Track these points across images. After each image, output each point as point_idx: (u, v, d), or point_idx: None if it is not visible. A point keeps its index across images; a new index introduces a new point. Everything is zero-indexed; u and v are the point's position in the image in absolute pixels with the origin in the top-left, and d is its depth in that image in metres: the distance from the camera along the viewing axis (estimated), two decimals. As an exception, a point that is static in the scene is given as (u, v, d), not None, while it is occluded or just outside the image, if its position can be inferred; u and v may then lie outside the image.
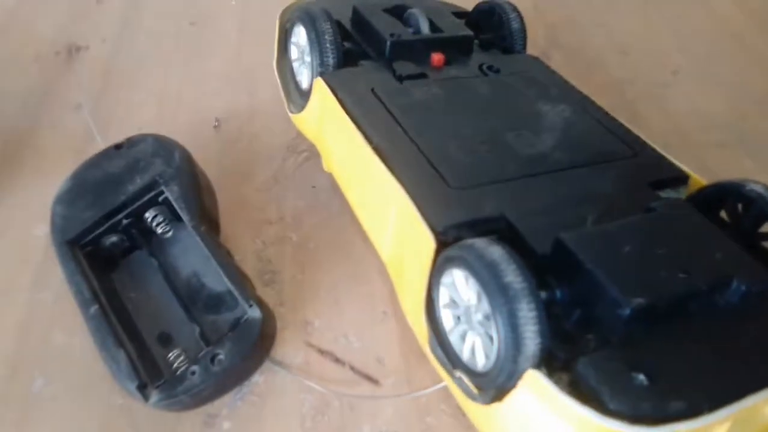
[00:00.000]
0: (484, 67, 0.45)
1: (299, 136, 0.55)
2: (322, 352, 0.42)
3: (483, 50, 0.48)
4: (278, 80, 0.49)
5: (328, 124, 0.41)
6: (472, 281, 0.28)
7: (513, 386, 0.26)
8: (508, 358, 0.26)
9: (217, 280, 0.41)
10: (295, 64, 0.48)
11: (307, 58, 0.45)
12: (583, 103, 0.43)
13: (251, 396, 0.40)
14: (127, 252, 0.44)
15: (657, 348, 0.26)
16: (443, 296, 0.30)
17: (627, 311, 0.26)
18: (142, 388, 0.36)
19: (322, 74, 0.42)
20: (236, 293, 0.39)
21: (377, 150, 0.36)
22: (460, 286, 0.29)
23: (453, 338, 0.30)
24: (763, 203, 0.33)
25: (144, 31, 0.70)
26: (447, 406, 0.39)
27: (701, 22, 0.69)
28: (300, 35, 0.46)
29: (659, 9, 0.71)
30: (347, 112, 0.39)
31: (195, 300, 0.42)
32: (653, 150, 0.39)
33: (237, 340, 0.37)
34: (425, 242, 0.31)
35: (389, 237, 0.36)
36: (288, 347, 0.42)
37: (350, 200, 0.41)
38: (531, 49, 0.51)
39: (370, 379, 0.40)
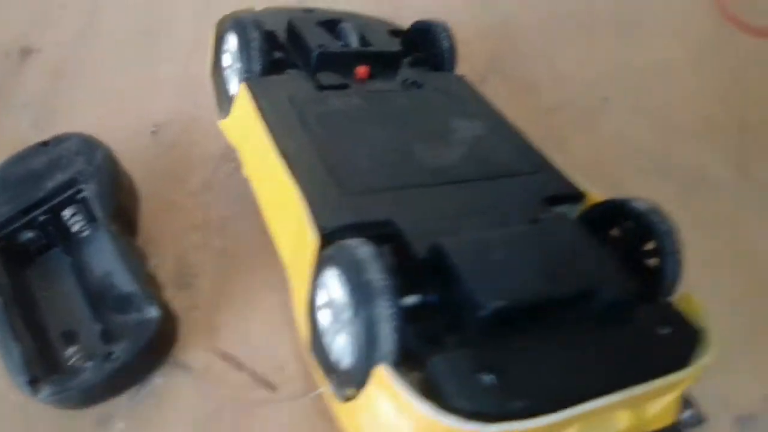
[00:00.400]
0: (408, 82, 0.46)
1: (234, 145, 0.56)
2: (225, 357, 0.42)
3: (412, 67, 0.50)
4: (212, 88, 0.50)
5: (246, 128, 0.42)
6: (342, 279, 0.28)
7: (364, 383, 0.27)
8: (364, 354, 0.27)
9: (127, 281, 0.42)
10: (227, 72, 0.49)
11: (237, 66, 0.46)
12: (497, 122, 0.44)
13: (149, 397, 0.40)
14: (44, 249, 0.44)
15: (514, 351, 0.27)
16: (320, 296, 0.31)
17: (484, 313, 0.27)
18: (33, 382, 0.36)
19: (245, 81, 0.43)
20: (138, 293, 0.39)
21: (282, 154, 0.37)
22: (333, 285, 0.29)
23: (326, 339, 0.31)
24: (646, 221, 0.34)
25: (99, 36, 0.71)
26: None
27: (634, 54, 0.71)
28: (231, 43, 0.47)
29: (595, 41, 0.73)
30: (262, 117, 0.40)
31: (104, 299, 0.42)
32: (554, 168, 0.40)
33: (132, 338, 0.37)
34: (310, 242, 0.32)
35: (287, 241, 0.36)
36: (193, 350, 0.43)
37: (260, 205, 0.41)
38: (470, 73, 0.52)
39: (268, 385, 0.41)
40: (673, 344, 0.31)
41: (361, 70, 0.46)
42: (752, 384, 0.42)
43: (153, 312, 0.38)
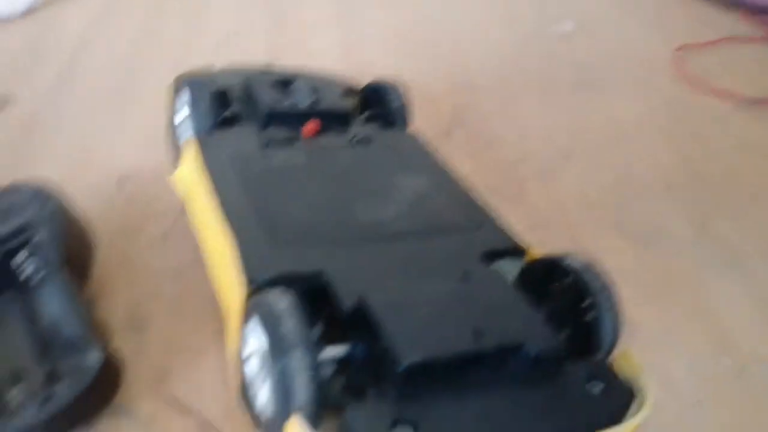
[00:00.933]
0: (356, 139, 0.47)
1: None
2: (173, 402, 0.42)
3: (366, 123, 0.51)
4: (167, 143, 0.51)
5: (190, 182, 0.43)
6: (262, 330, 0.29)
7: None
8: (281, 405, 0.27)
9: (74, 327, 0.42)
10: (180, 128, 0.50)
11: (189, 122, 0.47)
12: (443, 178, 0.45)
13: (91, 443, 0.40)
14: (-5, 296, 0.44)
15: (433, 406, 0.27)
16: (246, 347, 0.31)
17: (400, 368, 0.27)
18: (-29, 425, 0.36)
19: (192, 137, 0.44)
20: (81, 334, 0.39)
21: (220, 206, 0.38)
22: (257, 335, 0.30)
23: (252, 390, 0.31)
24: (580, 278, 0.35)
25: (75, 87, 0.73)
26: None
27: (595, 112, 0.73)
28: (184, 101, 0.48)
29: (557, 99, 0.75)
30: (204, 172, 0.41)
31: (52, 343, 0.41)
32: (496, 223, 0.41)
33: (72, 382, 0.37)
34: (238, 292, 0.32)
35: (224, 293, 0.37)
36: (139, 397, 0.42)
37: (203, 253, 0.42)
38: (436, 128, 0.53)
39: (215, 429, 0.40)
40: (604, 402, 0.30)
41: (308, 127, 0.47)
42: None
43: (95, 356, 0.38)
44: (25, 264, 0.44)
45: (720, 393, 0.44)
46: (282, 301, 0.29)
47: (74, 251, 0.45)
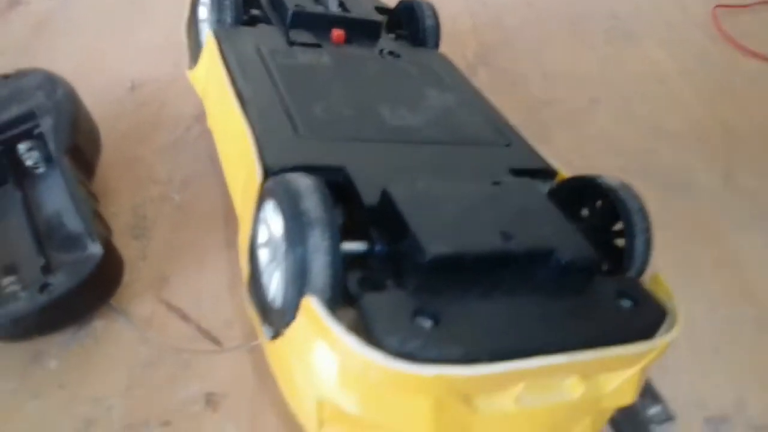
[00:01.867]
0: (385, 51, 0.45)
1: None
2: (171, 308, 0.41)
3: (394, 41, 0.49)
4: (185, 40, 0.49)
5: (209, 75, 0.41)
6: (279, 210, 0.27)
7: (293, 317, 0.25)
8: (295, 287, 0.25)
9: (75, 220, 0.40)
10: (201, 25, 0.48)
11: (211, 18, 0.45)
12: (473, 96, 0.43)
13: (86, 339, 0.38)
14: (-3, 183, 0.43)
15: (457, 301, 0.25)
16: (261, 233, 0.30)
17: (426, 259, 0.25)
18: (-38, 308, 0.34)
19: (214, 29, 0.42)
20: (82, 229, 0.37)
21: (239, 96, 0.36)
22: (271, 219, 0.28)
23: (264, 277, 0.29)
24: (615, 198, 0.33)
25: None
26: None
27: (625, 60, 0.70)
28: None
29: (587, 45, 0.72)
30: (225, 63, 0.39)
31: (51, 237, 0.40)
32: (527, 144, 0.39)
33: (70, 272, 0.36)
34: (256, 178, 0.30)
35: (239, 185, 0.35)
36: (137, 299, 0.41)
37: (219, 153, 0.40)
38: (461, 63, 0.50)
39: (213, 340, 0.39)
40: (634, 317, 0.29)
41: (337, 33, 0.45)
42: (725, 386, 0.40)
43: (95, 249, 0.36)
44: (30, 153, 0.42)
45: (738, 342, 0.42)
46: (301, 181, 0.27)
47: (80, 144, 0.43)
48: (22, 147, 0.42)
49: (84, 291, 0.36)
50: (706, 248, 0.49)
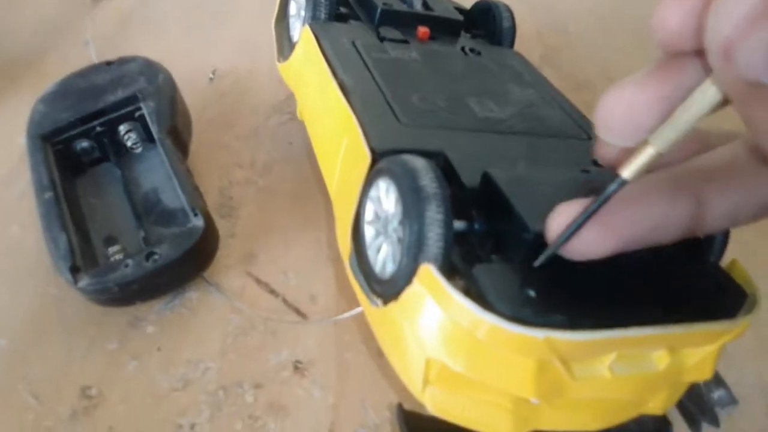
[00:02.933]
0: (467, 48, 0.47)
1: (287, 99, 0.57)
2: (259, 282, 0.43)
3: (472, 39, 0.51)
4: (273, 35, 0.51)
5: (306, 67, 0.43)
6: (392, 189, 0.29)
7: (408, 283, 0.27)
8: (411, 256, 0.27)
9: (173, 198, 0.43)
10: (292, 20, 0.50)
11: (303, 13, 0.47)
12: (553, 93, 0.44)
13: (181, 308, 0.41)
14: (96, 162, 0.46)
15: (558, 276, 0.27)
16: (368, 211, 0.32)
17: (531, 235, 0.27)
18: (75, 271, 0.37)
19: (310, 23, 0.45)
20: (184, 202, 0.40)
21: (341, 86, 0.38)
22: (383, 197, 0.30)
23: (370, 252, 0.31)
24: None
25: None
26: (366, 347, 0.39)
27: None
28: None
29: (654, 52, 0.72)
30: (324, 55, 0.41)
31: (149, 213, 0.43)
32: None
33: (175, 243, 0.38)
34: (363, 160, 0.32)
35: (338, 169, 0.37)
36: (228, 272, 0.43)
37: (313, 140, 0.42)
38: None
39: (299, 312, 0.41)
40: (718, 297, 0.30)
41: (422, 31, 0.47)
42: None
43: (198, 222, 0.39)
44: (129, 135, 0.45)
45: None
46: (417, 161, 0.29)
47: (178, 127, 0.45)
48: (122, 128, 0.45)
49: (186, 261, 0.38)
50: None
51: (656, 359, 0.28)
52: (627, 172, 0.22)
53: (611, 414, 0.30)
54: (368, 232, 0.32)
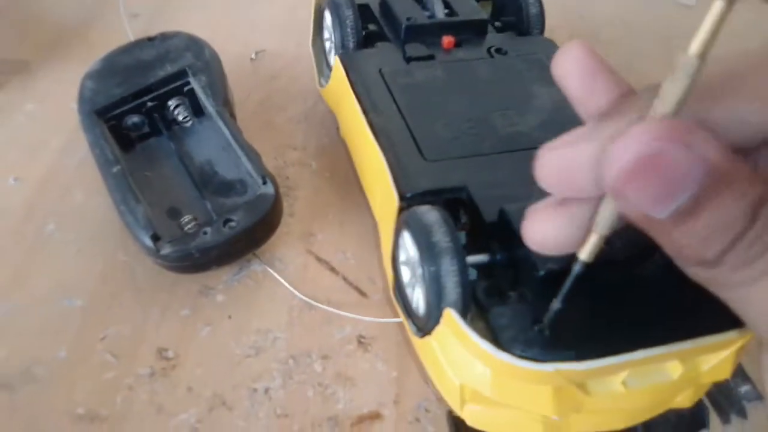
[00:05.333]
0: (493, 49, 0.48)
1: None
2: (320, 260, 0.44)
3: (499, 32, 0.51)
4: (312, 57, 0.53)
5: (340, 98, 0.45)
6: (413, 241, 0.32)
7: (437, 323, 0.30)
8: (434, 304, 0.30)
9: (229, 169, 0.44)
10: (327, 44, 0.51)
11: (333, 40, 0.49)
12: None
13: (248, 279, 0.42)
14: (144, 137, 0.47)
15: (568, 307, 0.28)
16: (401, 254, 0.34)
17: (540, 273, 0.29)
18: (156, 239, 0.38)
19: (340, 54, 0.46)
20: (250, 170, 0.41)
21: (370, 124, 0.40)
22: (408, 246, 0.33)
23: (407, 290, 0.34)
24: None
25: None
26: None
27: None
28: (328, 20, 0.50)
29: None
30: (353, 89, 0.43)
31: (206, 185, 0.44)
32: None
33: (250, 209, 0.39)
34: (393, 205, 0.35)
35: (377, 199, 0.40)
36: (289, 249, 0.44)
37: (354, 162, 0.45)
38: None
39: (359, 291, 0.43)
40: (726, 307, 0.31)
41: (447, 41, 0.48)
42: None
43: (269, 189, 0.40)
44: (178, 110, 0.46)
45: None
46: (430, 215, 0.31)
47: (230, 100, 0.47)
48: (171, 103, 0.46)
49: (260, 227, 0.40)
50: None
51: (669, 369, 0.31)
52: (584, 255, 0.24)
53: (637, 414, 0.33)
54: (404, 272, 0.35)
